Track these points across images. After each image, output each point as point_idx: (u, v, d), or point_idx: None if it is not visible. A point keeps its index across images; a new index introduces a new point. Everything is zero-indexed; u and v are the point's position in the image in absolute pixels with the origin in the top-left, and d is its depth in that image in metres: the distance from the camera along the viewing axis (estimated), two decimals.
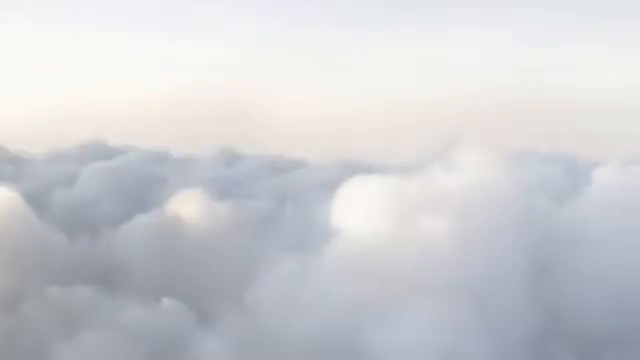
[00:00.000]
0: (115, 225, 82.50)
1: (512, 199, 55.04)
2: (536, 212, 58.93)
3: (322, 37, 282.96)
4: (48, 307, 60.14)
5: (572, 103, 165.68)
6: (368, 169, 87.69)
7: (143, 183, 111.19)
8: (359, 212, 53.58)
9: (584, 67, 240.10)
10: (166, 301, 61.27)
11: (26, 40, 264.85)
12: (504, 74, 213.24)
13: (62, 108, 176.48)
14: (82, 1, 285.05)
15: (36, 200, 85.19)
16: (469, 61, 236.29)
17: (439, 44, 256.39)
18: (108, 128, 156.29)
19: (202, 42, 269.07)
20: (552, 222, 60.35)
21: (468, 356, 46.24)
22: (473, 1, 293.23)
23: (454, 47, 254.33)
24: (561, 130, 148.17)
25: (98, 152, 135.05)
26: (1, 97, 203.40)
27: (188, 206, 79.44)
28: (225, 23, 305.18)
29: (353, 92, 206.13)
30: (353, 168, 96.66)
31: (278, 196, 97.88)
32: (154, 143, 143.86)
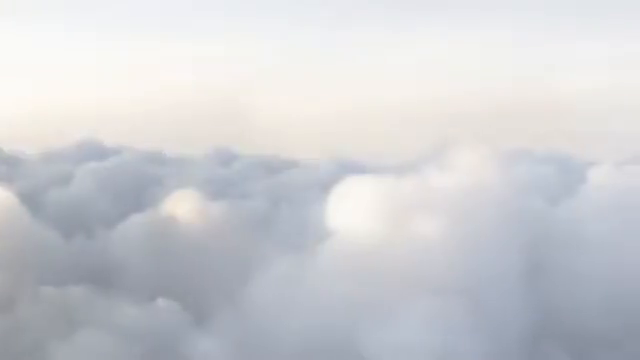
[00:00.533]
0: (110, 225, 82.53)
1: (507, 199, 55.10)
2: (530, 212, 58.99)
3: (322, 37, 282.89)
4: (43, 307, 60.09)
5: (570, 103, 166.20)
6: (363, 169, 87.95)
7: (138, 183, 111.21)
8: (354, 212, 53.58)
9: (583, 67, 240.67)
10: (161, 301, 61.28)
11: (24, 40, 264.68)
12: (504, 74, 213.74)
13: (57, 108, 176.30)
14: (82, 1, 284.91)
15: (31, 200, 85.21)
16: (469, 61, 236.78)
17: (439, 44, 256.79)
18: (103, 128, 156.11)
19: (200, 42, 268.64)
20: (547, 222, 60.39)
21: (463, 355, 46.33)
22: (473, 1, 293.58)
23: (454, 47, 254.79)
24: (557, 130, 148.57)
25: (93, 152, 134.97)
26: None
27: (183, 206, 79.45)
28: (224, 23, 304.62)
29: (352, 92, 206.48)
30: (348, 168, 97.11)
31: (273, 196, 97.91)
32: (149, 143, 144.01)
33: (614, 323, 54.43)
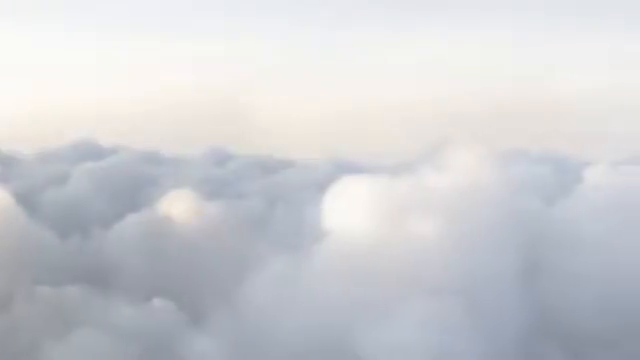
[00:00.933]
0: (106, 225, 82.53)
1: (503, 199, 55.12)
2: (527, 212, 58.99)
3: (322, 37, 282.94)
4: (39, 307, 60.03)
5: (570, 103, 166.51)
6: (361, 169, 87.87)
7: (134, 183, 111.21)
8: (349, 212, 53.55)
9: (583, 67, 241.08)
10: (157, 301, 61.22)
11: (24, 40, 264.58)
12: (504, 74, 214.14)
13: (56, 108, 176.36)
14: (82, 1, 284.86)
15: (27, 200, 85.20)
16: (469, 61, 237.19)
17: (439, 44, 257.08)
18: (99, 128, 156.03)
19: (200, 42, 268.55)
20: (542, 222, 60.39)
21: (459, 355, 46.33)
22: (473, 1, 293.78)
23: (454, 47, 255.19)
24: (556, 130, 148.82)
25: (89, 152, 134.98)
26: None
27: (179, 206, 79.44)
28: (224, 23, 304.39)
29: (352, 92, 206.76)
30: (344, 168, 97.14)
31: (269, 196, 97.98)
32: (148, 143, 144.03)
33: (610, 323, 54.45)
